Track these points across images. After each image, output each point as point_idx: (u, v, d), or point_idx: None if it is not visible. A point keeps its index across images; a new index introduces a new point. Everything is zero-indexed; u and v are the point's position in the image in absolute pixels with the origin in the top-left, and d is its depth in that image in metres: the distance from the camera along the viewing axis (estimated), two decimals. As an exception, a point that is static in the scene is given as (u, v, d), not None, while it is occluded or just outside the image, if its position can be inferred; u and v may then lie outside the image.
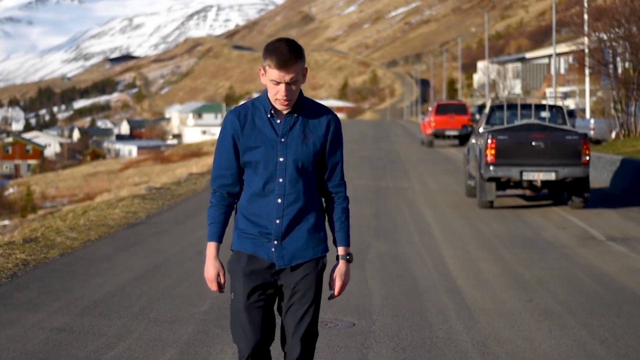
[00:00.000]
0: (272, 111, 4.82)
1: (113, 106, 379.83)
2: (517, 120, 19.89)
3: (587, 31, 36.95)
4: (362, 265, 11.76)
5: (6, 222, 54.59)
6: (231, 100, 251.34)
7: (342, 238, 5.03)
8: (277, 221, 4.81)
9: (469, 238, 14.71)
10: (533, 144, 18.49)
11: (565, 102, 72.55)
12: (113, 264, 11.92)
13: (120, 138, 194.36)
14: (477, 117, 46.32)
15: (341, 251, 5.01)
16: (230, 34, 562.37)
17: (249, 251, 4.84)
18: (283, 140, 4.80)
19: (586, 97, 44.55)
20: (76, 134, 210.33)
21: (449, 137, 45.72)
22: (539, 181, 18.59)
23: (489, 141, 18.54)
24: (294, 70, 4.71)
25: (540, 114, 20.32)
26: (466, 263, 12.20)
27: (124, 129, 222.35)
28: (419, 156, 36.94)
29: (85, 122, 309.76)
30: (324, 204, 5.05)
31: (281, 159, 4.79)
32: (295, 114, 4.84)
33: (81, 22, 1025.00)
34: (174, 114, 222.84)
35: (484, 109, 35.58)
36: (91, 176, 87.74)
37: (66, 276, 10.92)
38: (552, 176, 18.33)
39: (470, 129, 43.43)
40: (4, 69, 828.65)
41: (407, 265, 12.00)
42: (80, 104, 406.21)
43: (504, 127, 18.96)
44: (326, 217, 5.04)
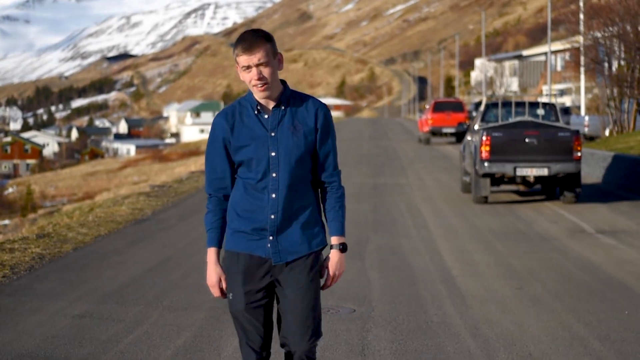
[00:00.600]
0: (258, 107, 4.84)
1: (111, 105, 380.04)
2: (512, 117, 20.47)
3: (583, 31, 37.48)
4: (361, 257, 12.35)
5: (6, 221, 54.96)
6: (229, 98, 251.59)
7: (336, 227, 4.96)
8: (272, 216, 4.79)
9: (463, 231, 15.29)
10: (526, 140, 19.06)
11: (561, 99, 73.10)
12: (124, 257, 12.53)
13: (119, 137, 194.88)
14: (474, 114, 46.87)
15: (334, 240, 4.96)
16: (228, 32, 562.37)
17: (243, 249, 4.84)
18: (273, 134, 4.80)
19: (581, 95, 45.08)
20: (74, 134, 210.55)
21: (446, 134, 46.23)
22: (532, 177, 19.16)
23: (484, 138, 19.11)
24: (260, 51, 4.72)
25: (533, 112, 20.88)
26: (461, 255, 12.79)
27: (122, 128, 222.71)
28: (416, 153, 37.51)
29: (83, 121, 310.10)
30: (320, 195, 5.03)
31: (273, 154, 4.78)
32: (283, 107, 4.85)
33: (78, 20, 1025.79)
34: (172, 112, 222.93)
35: (480, 106, 36.11)
36: (90, 175, 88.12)
37: (81, 268, 11.53)
38: (544, 172, 18.90)
39: (466, 127, 43.99)
40: (1, 68, 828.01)
41: (405, 257, 12.58)
42: (77, 103, 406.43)
43: (499, 125, 19.50)
44: (323, 208, 5.02)
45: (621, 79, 34.92)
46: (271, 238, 4.80)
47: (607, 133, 36.26)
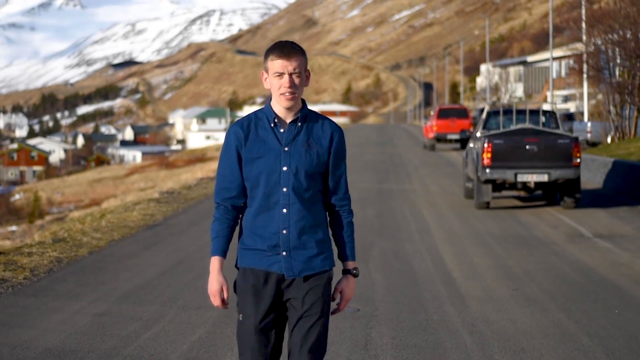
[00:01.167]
0: (275, 120, 4.82)
1: (116, 112, 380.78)
2: (513, 125, 20.97)
3: (585, 40, 37.94)
4: (366, 260, 12.87)
5: (14, 227, 55.56)
6: (235, 105, 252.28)
7: (350, 252, 5.01)
8: (284, 231, 4.77)
9: (465, 236, 15.81)
10: (527, 147, 19.57)
11: (566, 105, 73.52)
12: (138, 260, 13.07)
13: (125, 144, 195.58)
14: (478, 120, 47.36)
15: (350, 265, 5.02)
16: (234, 39, 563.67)
17: (257, 266, 4.81)
18: (287, 149, 4.78)
19: (584, 101, 45.55)
20: (80, 140, 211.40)
21: (450, 140, 46.70)
22: (533, 182, 19.66)
23: (486, 145, 19.62)
24: (296, 61, 4.77)
25: (534, 119, 21.35)
26: (461, 258, 13.31)
27: (128, 134, 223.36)
28: (421, 159, 38.03)
29: (89, 128, 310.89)
30: (329, 218, 5.01)
31: (285, 168, 4.76)
32: (299, 123, 4.83)
33: (84, 27, 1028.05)
34: (177, 119, 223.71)
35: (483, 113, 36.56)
36: (96, 182, 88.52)
37: (98, 271, 12.07)
38: (544, 178, 19.40)
39: (468, 133, 44.48)
40: (6, 75, 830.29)
41: (407, 260, 13.11)
42: (83, 109, 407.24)
43: (500, 132, 19.98)
44: (332, 231, 5.00)
45: (622, 86, 35.42)
46: (284, 253, 4.78)
47: (609, 140, 36.72)
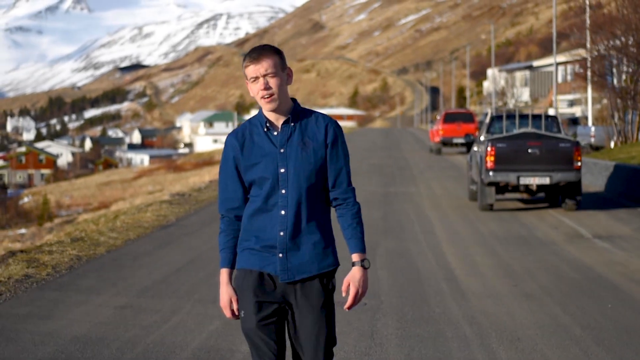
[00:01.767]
0: (267, 124, 4.80)
1: (124, 115, 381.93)
2: (515, 129, 21.49)
3: (590, 47, 38.44)
4: (372, 259, 13.40)
5: (23, 230, 56.05)
6: (242, 108, 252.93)
7: (356, 244, 4.85)
8: (281, 233, 4.73)
9: (468, 237, 16.35)
10: (529, 151, 20.10)
11: (571, 109, 73.97)
12: (154, 258, 13.65)
13: (132, 147, 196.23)
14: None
15: (356, 257, 4.85)
16: (241, 42, 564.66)
17: (254, 267, 4.77)
18: (282, 151, 4.76)
19: (589, 105, 46.06)
20: (88, 144, 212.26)
21: (456, 144, 47.13)
22: (535, 185, 20.17)
23: (489, 149, 20.16)
24: (267, 62, 4.73)
25: (536, 124, 21.86)
26: (464, 257, 13.86)
27: (136, 138, 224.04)
28: (426, 163, 38.51)
29: (96, 131, 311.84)
30: (336, 213, 4.95)
31: (282, 170, 4.74)
32: (292, 123, 4.81)
33: (91, 31, 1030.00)
34: (185, 122, 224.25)
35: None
36: (105, 185, 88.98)
37: (116, 268, 12.66)
38: (546, 180, 19.93)
39: (472, 138, 45.00)
40: (14, 78, 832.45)
41: (412, 259, 13.66)
42: (90, 113, 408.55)
43: (503, 136, 20.50)
44: (340, 226, 4.92)
45: (624, 91, 35.94)
46: (280, 255, 4.74)
47: (612, 144, 37.24)
